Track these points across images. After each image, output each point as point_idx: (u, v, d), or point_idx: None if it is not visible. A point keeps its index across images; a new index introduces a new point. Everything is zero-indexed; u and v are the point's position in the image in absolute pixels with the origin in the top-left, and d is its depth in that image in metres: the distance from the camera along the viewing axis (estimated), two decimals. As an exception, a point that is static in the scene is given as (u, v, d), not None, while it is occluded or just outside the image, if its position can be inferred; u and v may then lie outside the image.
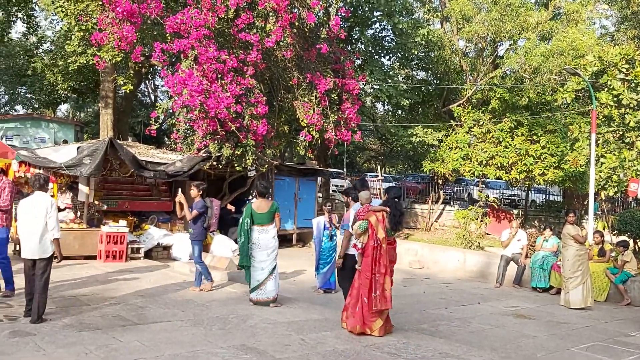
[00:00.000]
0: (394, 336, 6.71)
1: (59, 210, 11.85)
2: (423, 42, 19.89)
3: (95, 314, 6.96)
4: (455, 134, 17.58)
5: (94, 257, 11.12)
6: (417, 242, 16.07)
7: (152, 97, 36.61)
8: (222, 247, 12.93)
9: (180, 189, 9.54)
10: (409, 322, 7.82)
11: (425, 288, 11.40)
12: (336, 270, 8.35)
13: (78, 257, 10.96)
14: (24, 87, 26.90)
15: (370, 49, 20.75)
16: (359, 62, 19.53)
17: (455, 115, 18.15)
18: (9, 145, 15.42)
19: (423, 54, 21.84)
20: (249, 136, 12.15)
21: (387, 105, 24.64)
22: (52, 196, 11.96)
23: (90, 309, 7.16)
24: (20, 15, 18.77)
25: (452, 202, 22.26)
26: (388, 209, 6.76)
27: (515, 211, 19.11)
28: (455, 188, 24.73)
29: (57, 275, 8.53)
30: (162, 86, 34.79)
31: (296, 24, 12.48)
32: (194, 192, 9.04)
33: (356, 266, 6.85)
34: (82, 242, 11.16)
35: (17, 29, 25.45)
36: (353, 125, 14.68)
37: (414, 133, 18.80)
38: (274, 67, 13.56)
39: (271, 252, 8.00)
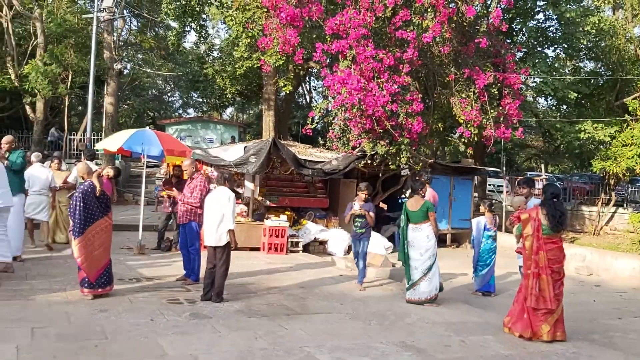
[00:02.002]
0: (562, 345, 6.28)
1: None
2: (593, 31, 18.34)
3: (262, 301, 7.40)
4: (631, 129, 15.98)
5: (257, 249, 11.83)
6: (584, 246, 14.86)
7: (308, 99, 38.09)
8: (375, 244, 13.03)
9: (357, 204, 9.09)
10: (578, 331, 7.25)
11: (595, 296, 10.50)
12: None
13: (244, 249, 11.73)
14: (197, 92, 29.46)
15: (532, 40, 19.61)
16: (520, 54, 18.55)
17: (631, 109, 16.49)
18: (182, 145, 16.99)
19: (592, 44, 20.17)
20: (404, 134, 12.10)
21: (550, 99, 23.14)
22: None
23: (257, 297, 7.64)
24: (193, 25, 20.53)
25: (625, 204, 20.26)
26: (540, 208, 6.45)
27: None
28: (630, 189, 22.46)
29: (227, 264, 9.25)
30: (317, 88, 36.02)
31: (454, 18, 12.15)
32: (365, 192, 8.88)
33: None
34: (248, 234, 11.92)
35: (189, 39, 27.97)
36: (514, 121, 13.97)
37: (582, 129, 17.43)
38: (430, 64, 13.35)
39: (424, 252, 7.89)
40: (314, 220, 13.43)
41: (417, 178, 10.14)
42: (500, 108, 13.52)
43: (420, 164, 13.14)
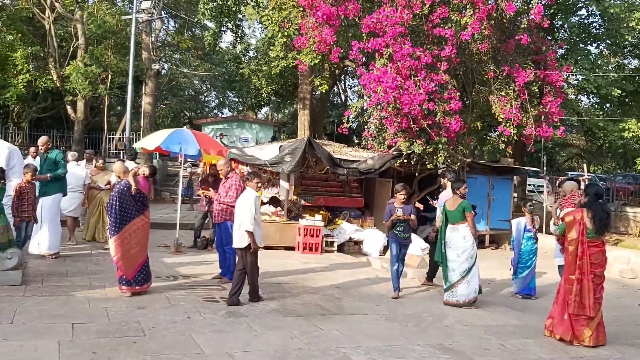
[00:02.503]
0: (605, 350, 6.07)
1: (263, 203, 12.85)
2: (638, 27, 17.74)
3: (297, 301, 7.37)
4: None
5: (292, 248, 11.82)
6: (629, 249, 14.36)
7: (343, 98, 38.00)
8: (412, 245, 12.85)
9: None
10: (622, 335, 6.98)
11: (640, 300, 10.14)
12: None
13: (279, 248, 11.74)
14: (233, 92, 29.72)
15: (575, 37, 19.10)
16: (562, 51, 18.06)
17: (679, 106, 15.86)
18: (217, 144, 17.15)
19: (637, 40, 19.51)
20: (441, 133, 11.91)
21: (593, 97, 22.51)
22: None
23: (292, 296, 7.62)
24: (229, 25, 20.69)
25: (673, 206, 19.51)
26: (585, 210, 6.21)
27: None
28: (679, 189, 21.64)
29: (262, 263, 9.22)
30: (353, 87, 35.92)
31: (494, 15, 11.89)
32: (403, 193, 8.33)
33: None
34: (283, 233, 11.93)
35: (225, 39, 28.25)
36: (555, 119, 13.60)
37: (626, 127, 16.90)
38: (469, 61, 13.11)
39: (461, 253, 7.72)
40: (349, 220, 13.35)
41: (439, 177, 10.13)
42: (541, 106, 13.18)
43: (458, 163, 12.92)
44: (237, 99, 34.18)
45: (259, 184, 7.15)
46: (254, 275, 7.05)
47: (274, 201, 12.63)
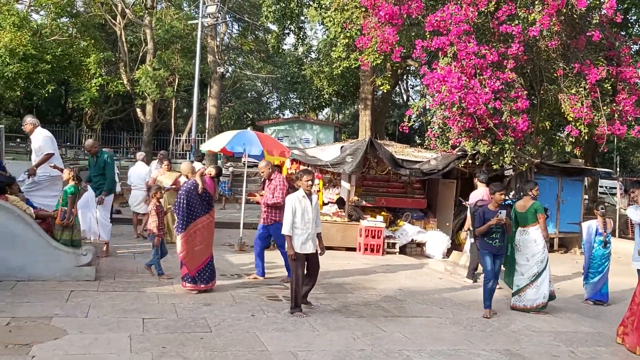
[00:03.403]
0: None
1: (324, 204, 12.93)
2: None
3: (359, 302, 7.35)
4: None
5: (353, 249, 11.81)
6: None
7: (405, 98, 37.66)
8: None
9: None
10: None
11: None
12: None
13: (340, 248, 11.75)
14: (294, 93, 30.05)
15: (650, 31, 18.12)
16: (636, 47, 17.18)
17: None
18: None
19: None
20: (508, 133, 11.58)
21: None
22: (318, 192, 13.11)
23: (353, 297, 7.61)
24: (292, 27, 20.93)
25: None
26: None
27: None
28: None
29: (323, 264, 9.25)
30: (415, 86, 35.55)
31: (564, 10, 11.45)
32: (504, 194, 7.43)
33: None
34: (344, 234, 11.93)
35: (287, 41, 28.59)
36: (629, 118, 12.94)
37: None
38: (537, 59, 12.68)
39: (531, 257, 7.49)
40: (411, 221, 13.20)
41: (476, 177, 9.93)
42: (614, 104, 12.58)
43: (526, 164, 12.53)
44: (298, 100, 34.51)
45: (311, 182, 6.69)
46: (293, 283, 6.53)
47: (340, 202, 12.67)
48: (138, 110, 26.75)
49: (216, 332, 5.55)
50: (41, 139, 8.81)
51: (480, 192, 9.56)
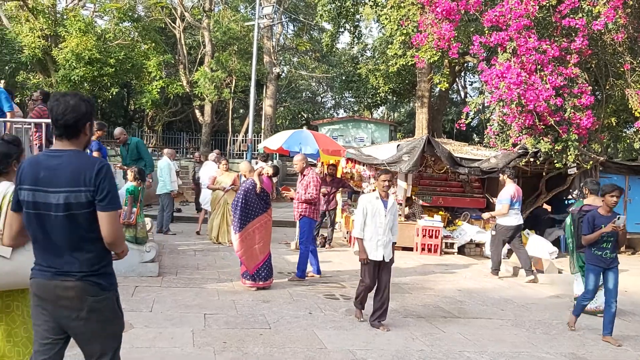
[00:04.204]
0: None
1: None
2: None
3: (417, 302, 7.28)
4: None
5: (410, 249, 11.69)
6: None
7: (462, 95, 36.98)
8: (538, 248, 12.20)
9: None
10: None
11: None
12: None
13: (396, 248, 11.63)
14: (350, 92, 30.04)
15: None
16: None
17: None
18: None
19: None
20: (571, 130, 11.17)
21: None
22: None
23: (412, 297, 7.54)
24: (347, 26, 20.92)
25: None
26: None
27: None
28: None
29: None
30: (473, 83, 34.85)
31: (630, 2, 10.96)
32: (617, 195, 6.17)
33: None
34: (400, 234, 11.73)
35: (342, 40, 28.64)
36: None
37: None
38: (602, 53, 12.19)
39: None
40: (470, 221, 12.93)
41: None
42: (687, 99, 11.94)
43: (591, 162, 12.05)
44: (353, 99, 34.47)
45: (387, 183, 6.21)
46: (359, 288, 6.18)
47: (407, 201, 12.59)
48: (197, 111, 27.40)
49: (275, 329, 5.63)
50: None
51: (510, 189, 9.51)
